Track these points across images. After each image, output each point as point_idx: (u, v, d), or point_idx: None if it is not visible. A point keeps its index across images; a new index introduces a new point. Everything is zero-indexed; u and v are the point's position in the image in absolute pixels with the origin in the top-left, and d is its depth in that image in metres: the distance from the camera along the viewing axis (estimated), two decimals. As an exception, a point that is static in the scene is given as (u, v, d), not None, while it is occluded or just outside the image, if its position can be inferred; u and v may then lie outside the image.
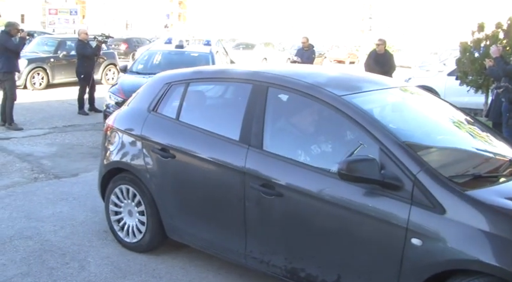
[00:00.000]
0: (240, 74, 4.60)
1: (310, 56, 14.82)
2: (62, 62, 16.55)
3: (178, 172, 4.45)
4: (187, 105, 4.64)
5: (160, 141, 4.54)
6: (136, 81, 9.52)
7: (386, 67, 13.60)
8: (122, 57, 28.69)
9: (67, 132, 10.06)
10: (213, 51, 11.34)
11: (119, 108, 5.44)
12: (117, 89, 9.53)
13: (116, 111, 5.29)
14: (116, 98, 9.20)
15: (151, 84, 5.02)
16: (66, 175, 7.22)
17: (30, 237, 5.06)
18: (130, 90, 8.93)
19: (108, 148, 5.04)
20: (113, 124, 5.05)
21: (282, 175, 3.77)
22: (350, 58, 45.37)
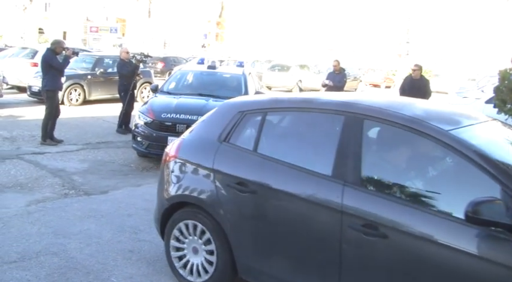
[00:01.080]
0: (329, 104, 4.24)
1: (341, 79, 14.66)
2: (99, 79, 16.84)
3: (260, 209, 4.08)
4: (266, 136, 4.30)
5: (238, 175, 4.16)
6: (166, 102, 9.62)
7: (421, 93, 13.42)
8: (159, 76, 29.06)
9: (100, 149, 10.17)
10: (245, 73, 11.22)
11: (180, 137, 4.96)
12: (147, 109, 9.39)
13: (178, 140, 4.88)
14: (145, 118, 9.12)
15: (220, 112, 4.68)
16: (96, 192, 7.27)
17: (56, 253, 5.08)
18: (160, 110, 9.15)
19: (171, 180, 4.66)
20: (177, 154, 4.67)
21: (387, 214, 3.44)
22: (386, 82, 45.09)
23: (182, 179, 4.58)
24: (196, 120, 8.57)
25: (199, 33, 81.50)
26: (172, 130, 8.72)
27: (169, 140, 8.46)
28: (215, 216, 4.25)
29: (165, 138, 8.63)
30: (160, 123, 8.90)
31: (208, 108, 9.14)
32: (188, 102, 9.55)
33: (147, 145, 8.97)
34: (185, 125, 8.62)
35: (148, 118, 9.05)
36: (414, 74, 13.71)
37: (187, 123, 8.60)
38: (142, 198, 7.09)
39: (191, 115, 8.81)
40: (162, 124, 8.89)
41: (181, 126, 8.68)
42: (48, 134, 10.18)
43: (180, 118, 8.84)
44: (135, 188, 7.61)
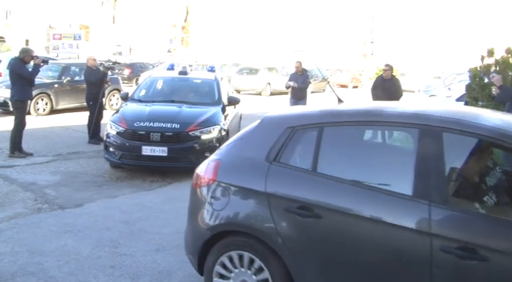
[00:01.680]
0: (398, 116, 3.90)
1: (305, 80, 14.45)
2: (66, 87, 16.46)
3: (327, 235, 3.66)
4: (325, 154, 3.89)
5: (298, 198, 3.73)
6: (138, 110, 9.35)
7: (393, 93, 13.48)
8: (126, 82, 28.64)
9: (71, 160, 9.88)
10: (217, 78, 10.98)
11: (212, 157, 4.39)
12: (119, 118, 9.05)
13: (211, 161, 4.30)
14: (117, 127, 8.78)
15: (264, 128, 4.19)
16: (71, 205, 7.02)
17: (33, 273, 4.85)
18: (132, 119, 8.87)
19: (213, 207, 4.08)
20: (216, 177, 4.12)
21: (484, 235, 3.21)
22: (353, 82, 45.43)
23: (227, 205, 4.02)
24: (171, 128, 8.54)
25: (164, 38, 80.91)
26: (146, 139, 8.50)
27: (144, 149, 8.47)
28: (272, 245, 3.80)
29: (139, 147, 8.46)
30: (133, 132, 8.62)
31: (183, 115, 9.11)
32: (161, 110, 9.32)
33: (120, 155, 8.67)
34: (159, 133, 8.51)
35: (121, 127, 8.74)
36: (385, 74, 13.71)
37: (161, 132, 8.53)
38: (119, 210, 6.88)
39: (165, 123, 8.63)
40: (135, 133, 8.61)
41: (155, 135, 8.49)
42: (16, 146, 9.83)
43: (154, 126, 8.59)
44: (111, 200, 7.38)
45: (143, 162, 8.62)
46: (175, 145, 8.56)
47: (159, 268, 5.08)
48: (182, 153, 8.63)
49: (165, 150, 8.46)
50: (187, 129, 8.66)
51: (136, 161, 8.65)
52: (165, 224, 6.41)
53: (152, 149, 8.45)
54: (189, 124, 8.76)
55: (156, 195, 7.73)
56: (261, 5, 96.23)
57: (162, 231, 6.11)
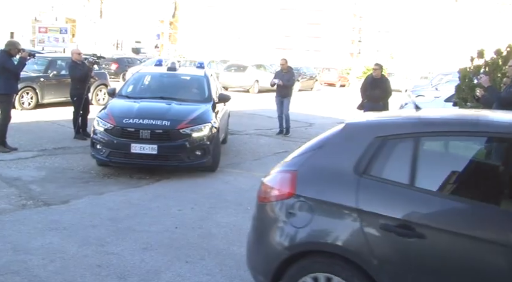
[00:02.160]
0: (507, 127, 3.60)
1: (290, 78, 14.22)
2: (52, 81, 16.22)
3: (434, 256, 3.29)
4: (425, 167, 3.54)
5: (397, 216, 3.36)
6: (127, 106, 9.09)
7: (383, 92, 13.46)
8: (113, 77, 28.38)
9: (57, 155, 9.71)
10: (207, 74, 10.80)
11: (284, 168, 3.95)
12: (106, 114, 8.76)
13: (287, 172, 3.85)
14: (105, 124, 8.49)
15: (349, 136, 3.83)
16: (56, 202, 6.88)
17: (17, 272, 4.71)
18: (121, 115, 8.62)
19: (291, 224, 3.67)
20: (295, 190, 3.70)
21: None
22: (341, 81, 45.47)
23: (309, 222, 3.60)
24: (161, 125, 8.36)
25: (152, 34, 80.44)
26: (136, 136, 8.29)
27: (133, 146, 8.24)
28: (365, 267, 3.42)
29: (128, 145, 8.24)
30: (122, 129, 8.38)
31: (173, 112, 8.87)
32: (151, 106, 9.11)
33: (108, 153, 8.40)
34: (149, 130, 8.28)
35: (109, 124, 8.46)
36: (375, 73, 13.68)
37: (151, 129, 8.30)
38: (106, 207, 6.76)
39: (155, 120, 8.42)
40: (124, 130, 8.37)
41: (144, 132, 8.27)
42: (1, 141, 9.64)
43: (143, 123, 8.36)
44: (97, 197, 7.24)
45: (132, 160, 8.39)
46: (166, 143, 8.34)
47: (147, 267, 4.98)
48: (172, 152, 8.42)
49: (155, 148, 8.24)
50: (177, 126, 8.43)
51: (125, 159, 8.41)
52: (153, 222, 6.29)
53: (142, 147, 8.22)
54: (179, 121, 8.53)
55: (143, 192, 7.61)
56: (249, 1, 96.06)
57: (150, 230, 6.00)
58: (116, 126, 8.41)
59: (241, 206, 7.11)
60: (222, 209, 6.99)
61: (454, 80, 15.74)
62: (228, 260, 5.25)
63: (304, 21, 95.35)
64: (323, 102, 26.93)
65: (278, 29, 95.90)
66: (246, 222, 6.46)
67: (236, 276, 4.92)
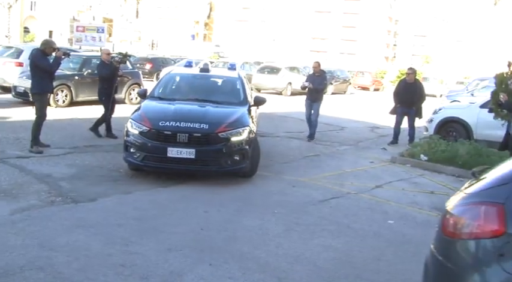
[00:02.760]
0: None
1: (322, 82, 13.80)
2: (87, 80, 16.42)
3: None
4: None
5: None
6: (162, 108, 8.82)
7: (416, 96, 13.27)
8: (147, 77, 28.65)
9: (87, 153, 9.81)
10: (241, 76, 10.61)
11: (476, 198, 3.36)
12: (140, 116, 8.41)
13: (490, 205, 3.23)
14: (140, 126, 8.12)
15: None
16: (84, 199, 6.92)
17: (42, 268, 4.74)
18: (157, 118, 8.28)
19: (499, 269, 3.04)
20: (506, 228, 3.09)
21: None
22: (375, 85, 45.04)
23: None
24: (199, 128, 8.02)
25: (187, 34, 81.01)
26: (173, 140, 7.92)
27: (169, 151, 7.89)
28: None
29: (164, 149, 7.89)
30: (158, 132, 8.00)
31: (211, 115, 8.60)
32: (187, 109, 8.74)
33: (142, 157, 8.03)
34: (187, 134, 7.94)
35: (144, 127, 8.09)
36: (408, 77, 13.52)
37: (189, 132, 7.96)
38: (132, 207, 6.77)
39: (192, 123, 8.07)
40: (160, 133, 7.99)
41: (182, 136, 7.92)
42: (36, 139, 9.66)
43: (181, 126, 7.99)
44: (124, 196, 7.27)
45: (168, 165, 8.02)
46: (204, 147, 7.99)
47: (170, 268, 4.95)
48: (211, 156, 8.08)
49: (193, 153, 7.88)
50: (217, 130, 8.09)
51: (161, 163, 8.05)
52: (178, 222, 6.28)
53: (179, 151, 7.86)
54: (218, 125, 8.18)
55: (171, 192, 7.61)
56: (284, 3, 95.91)
57: (175, 231, 5.99)
58: (152, 129, 8.05)
59: (268, 209, 7.07)
60: (248, 212, 6.94)
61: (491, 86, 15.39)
62: (252, 263, 5.20)
63: (339, 24, 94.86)
64: (356, 106, 26.70)
65: (313, 31, 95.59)
66: (272, 226, 6.44)
67: (259, 280, 4.86)
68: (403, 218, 7.25)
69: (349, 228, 6.63)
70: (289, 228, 6.46)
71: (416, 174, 10.23)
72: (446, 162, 10.64)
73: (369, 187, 8.86)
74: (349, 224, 6.80)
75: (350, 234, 6.41)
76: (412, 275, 5.26)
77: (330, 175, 9.56)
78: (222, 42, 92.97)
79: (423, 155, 11.13)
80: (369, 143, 14.01)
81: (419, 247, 6.11)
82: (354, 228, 6.64)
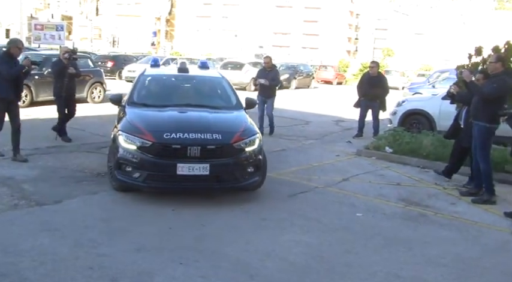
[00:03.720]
0: None
1: (275, 76, 13.45)
2: (47, 79, 16.03)
3: None
4: None
5: None
6: (157, 117, 7.63)
7: (379, 89, 13.40)
8: (109, 75, 28.23)
9: (50, 154, 9.59)
10: (223, 75, 9.71)
11: None
12: (134, 127, 7.21)
13: None
14: (139, 140, 6.91)
15: None
16: (49, 202, 6.75)
17: (6, 274, 4.60)
18: (159, 129, 7.07)
19: None
20: None
21: None
22: (338, 79, 45.38)
23: None
24: (212, 139, 6.94)
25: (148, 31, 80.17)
26: (182, 155, 6.80)
27: (179, 167, 6.76)
28: None
29: (173, 166, 6.74)
30: (164, 146, 6.82)
31: (217, 123, 7.57)
32: (187, 117, 7.76)
33: (145, 177, 6.85)
34: (199, 146, 6.83)
35: (144, 140, 6.86)
36: (371, 71, 13.65)
37: (201, 145, 6.87)
38: (99, 208, 6.66)
39: (203, 133, 7.01)
40: (167, 148, 6.82)
41: (194, 149, 6.80)
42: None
43: (190, 138, 6.89)
44: (90, 196, 7.13)
45: (178, 184, 6.97)
46: (219, 161, 6.95)
47: (140, 269, 4.87)
48: (227, 171, 7.09)
49: (207, 168, 6.82)
50: (232, 140, 7.12)
51: (169, 183, 6.98)
52: (146, 222, 6.19)
53: (190, 167, 6.77)
54: (232, 134, 7.24)
55: (137, 192, 7.46)
56: None
57: (144, 230, 5.90)
58: (156, 143, 6.84)
59: (236, 206, 7.06)
60: (217, 209, 6.89)
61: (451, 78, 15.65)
62: (223, 261, 5.16)
63: (301, 18, 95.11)
64: (320, 100, 26.85)
65: (275, 26, 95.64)
66: (241, 223, 6.42)
67: (231, 278, 4.82)
68: (371, 211, 7.30)
69: (319, 223, 6.64)
70: (258, 224, 6.45)
71: (382, 166, 10.32)
72: (411, 154, 10.78)
73: (336, 180, 8.90)
74: (319, 218, 6.81)
75: (320, 229, 6.42)
76: (383, 267, 5.31)
77: (297, 169, 9.57)
78: (184, 38, 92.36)
79: (388, 148, 11.25)
80: (334, 137, 14.09)
81: (388, 239, 6.18)
82: (323, 223, 6.66)
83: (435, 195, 8.34)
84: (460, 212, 7.49)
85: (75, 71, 10.92)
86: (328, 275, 5.08)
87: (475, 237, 6.47)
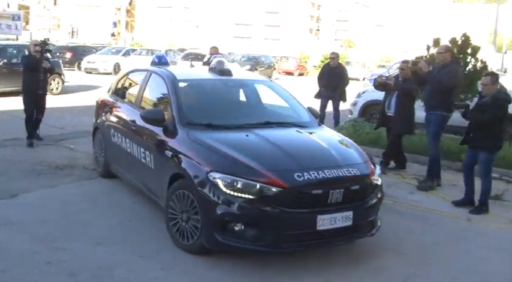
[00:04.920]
0: None
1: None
2: (3, 70, 15.71)
3: None
4: None
5: None
6: (258, 146, 5.41)
7: (340, 80, 13.50)
8: (67, 66, 27.72)
9: (7, 147, 9.38)
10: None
11: None
12: (241, 164, 4.96)
13: None
14: (259, 186, 4.73)
15: None
16: (5, 196, 6.60)
17: (-38, 270, 4.50)
18: (282, 168, 4.96)
19: None
20: None
21: None
22: (299, 70, 45.56)
23: None
24: (351, 176, 5.12)
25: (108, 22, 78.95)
26: (323, 202, 4.91)
27: (320, 221, 4.84)
28: None
29: (313, 219, 4.82)
30: (301, 193, 4.83)
31: (335, 150, 5.59)
32: (300, 144, 5.77)
33: (272, 239, 4.80)
34: (341, 188, 4.97)
35: (269, 185, 4.73)
36: (332, 62, 13.72)
37: (343, 186, 5.02)
38: (57, 201, 6.54)
39: (336, 168, 5.13)
40: (305, 194, 4.84)
41: (336, 193, 4.93)
42: None
43: (328, 177, 4.97)
44: (49, 190, 7.00)
45: (314, 242, 5.04)
46: (361, 204, 5.20)
47: (100, 263, 4.82)
48: (368, 216, 5.34)
49: (350, 217, 5.01)
50: (369, 173, 5.40)
51: (306, 242, 4.99)
52: (106, 215, 6.12)
53: (332, 219, 4.90)
54: (363, 165, 5.47)
55: (97, 185, 7.39)
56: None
57: (103, 223, 5.83)
58: (288, 189, 4.77)
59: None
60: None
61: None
62: (184, 254, 5.13)
63: (263, 9, 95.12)
64: (282, 91, 26.88)
65: (236, 17, 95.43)
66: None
67: (192, 270, 4.81)
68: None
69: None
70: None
71: (342, 156, 10.40)
72: (371, 144, 10.91)
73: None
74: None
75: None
76: (342, 257, 5.36)
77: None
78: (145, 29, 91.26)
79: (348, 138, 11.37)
80: (296, 128, 14.11)
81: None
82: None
83: (394, 184, 8.47)
84: (419, 200, 7.64)
85: (49, 65, 10.15)
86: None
87: (433, 226, 6.61)
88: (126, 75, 7.97)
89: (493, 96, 6.91)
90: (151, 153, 5.95)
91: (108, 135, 7.36)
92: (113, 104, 7.57)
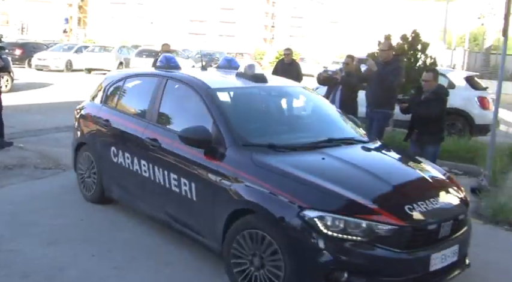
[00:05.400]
0: None
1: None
2: None
3: None
4: None
5: None
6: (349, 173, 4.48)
7: (293, 76, 13.58)
8: (17, 64, 27.05)
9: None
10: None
11: None
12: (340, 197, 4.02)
13: None
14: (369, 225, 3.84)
15: None
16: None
17: None
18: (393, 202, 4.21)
19: None
20: None
21: None
22: (255, 66, 45.66)
23: None
24: (455, 204, 4.52)
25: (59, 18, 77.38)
26: (434, 238, 4.16)
27: (433, 259, 4.09)
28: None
29: (426, 260, 4.05)
30: (417, 229, 4.04)
31: (422, 173, 4.87)
32: (387, 166, 5.00)
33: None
34: (450, 220, 4.26)
35: (382, 223, 3.88)
36: (286, 58, 13.81)
37: (452, 217, 4.33)
38: (6, 201, 6.39)
39: (438, 196, 4.45)
40: (420, 231, 4.06)
41: (446, 226, 4.21)
42: None
43: (437, 208, 4.28)
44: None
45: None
46: (463, 234, 4.49)
47: (51, 263, 4.74)
48: (467, 247, 4.59)
49: (456, 251, 4.31)
50: (463, 195, 4.74)
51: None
52: (57, 215, 6.01)
53: (443, 257, 4.17)
54: (457, 185, 4.85)
55: (47, 184, 7.25)
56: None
57: (55, 223, 5.73)
58: (407, 227, 3.98)
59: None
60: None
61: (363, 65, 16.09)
62: (137, 252, 5.09)
63: (218, 6, 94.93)
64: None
65: (191, 13, 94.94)
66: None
67: (145, 267, 4.78)
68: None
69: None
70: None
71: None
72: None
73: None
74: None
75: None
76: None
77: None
78: (97, 25, 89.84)
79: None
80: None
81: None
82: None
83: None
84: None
85: (3, 63, 9.79)
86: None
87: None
88: (121, 80, 6.55)
89: (434, 92, 7.14)
90: (191, 182, 4.79)
91: (106, 153, 6.08)
92: (108, 116, 6.27)
